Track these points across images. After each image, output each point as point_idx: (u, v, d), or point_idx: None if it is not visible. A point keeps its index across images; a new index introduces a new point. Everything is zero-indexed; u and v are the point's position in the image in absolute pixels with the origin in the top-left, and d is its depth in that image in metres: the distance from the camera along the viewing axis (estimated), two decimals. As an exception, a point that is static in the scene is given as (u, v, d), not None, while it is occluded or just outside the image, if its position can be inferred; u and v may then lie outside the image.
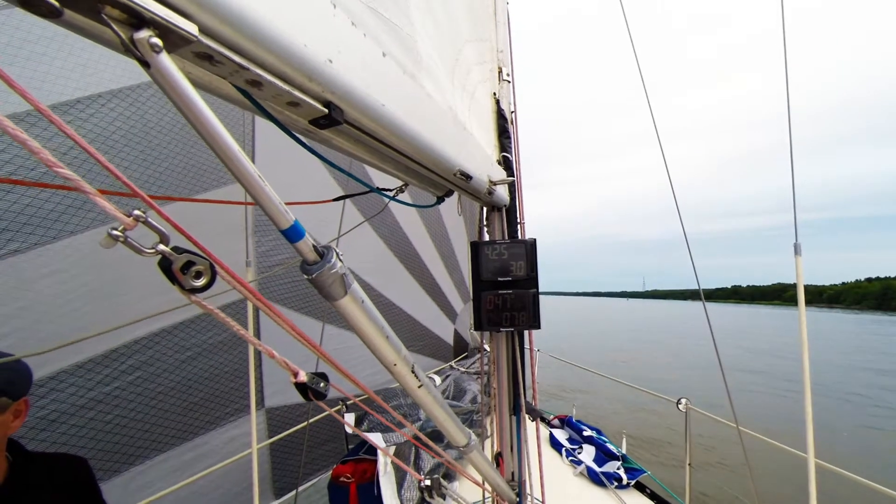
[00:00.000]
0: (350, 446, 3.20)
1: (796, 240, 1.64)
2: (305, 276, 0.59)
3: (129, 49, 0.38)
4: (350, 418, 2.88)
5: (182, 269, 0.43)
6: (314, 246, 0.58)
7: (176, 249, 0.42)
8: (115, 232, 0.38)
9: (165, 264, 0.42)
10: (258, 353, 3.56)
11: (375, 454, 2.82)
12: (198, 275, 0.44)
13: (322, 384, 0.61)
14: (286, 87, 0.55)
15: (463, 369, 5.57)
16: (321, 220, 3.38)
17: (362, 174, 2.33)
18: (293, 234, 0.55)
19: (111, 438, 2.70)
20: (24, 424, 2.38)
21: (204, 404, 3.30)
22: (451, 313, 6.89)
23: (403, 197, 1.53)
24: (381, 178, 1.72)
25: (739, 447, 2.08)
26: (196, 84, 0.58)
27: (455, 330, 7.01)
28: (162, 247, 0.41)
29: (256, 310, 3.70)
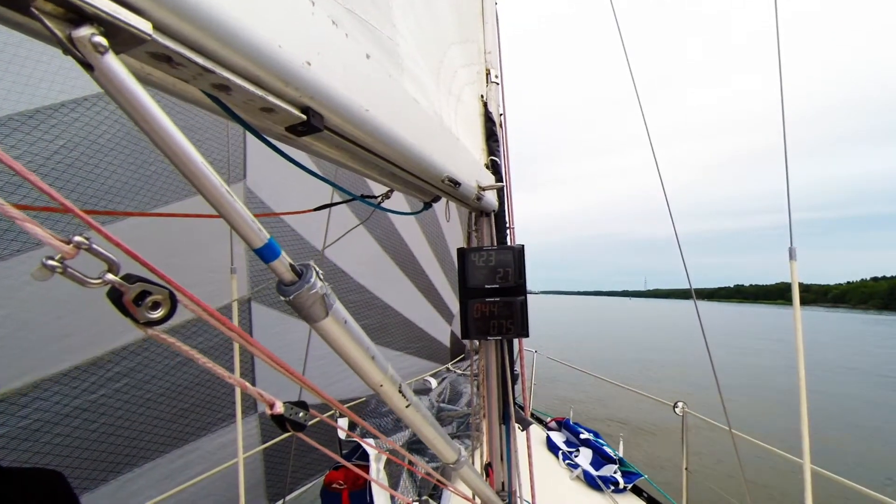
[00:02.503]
0: (344, 451, 3.16)
1: (791, 244, 1.62)
2: (283, 298, 0.54)
3: (68, 49, 0.33)
4: (343, 423, 2.83)
5: (136, 300, 0.38)
6: (291, 265, 0.54)
7: (128, 278, 0.37)
8: (50, 262, 0.32)
9: (115, 296, 0.37)
10: (251, 357, 3.50)
11: (368, 460, 2.77)
12: (155, 305, 0.39)
13: (301, 414, 0.57)
14: (258, 91, 0.50)
15: (460, 371, 5.54)
16: (320, 216, 3.33)
17: (351, 176, 2.27)
18: (268, 252, 0.51)
19: (97, 447, 2.63)
20: (6, 435, 2.31)
21: (195, 410, 3.23)
22: (447, 314, 6.84)
23: (392, 200, 1.48)
24: (368, 181, 1.66)
25: (748, 454, 2.06)
26: (157, 87, 0.53)
27: (451, 331, 6.96)
28: (110, 276, 0.36)
29: (248, 310, 3.63)
